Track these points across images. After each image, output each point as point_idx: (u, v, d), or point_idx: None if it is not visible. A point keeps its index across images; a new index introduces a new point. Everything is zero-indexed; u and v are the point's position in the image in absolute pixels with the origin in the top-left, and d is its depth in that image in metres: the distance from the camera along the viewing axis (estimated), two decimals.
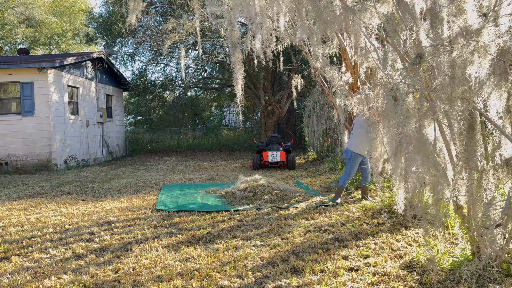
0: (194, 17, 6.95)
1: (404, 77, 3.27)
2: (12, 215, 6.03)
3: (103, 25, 18.16)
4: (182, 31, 11.24)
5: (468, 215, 3.42)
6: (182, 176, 10.10)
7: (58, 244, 4.50)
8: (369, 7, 3.68)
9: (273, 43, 7.00)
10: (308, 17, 4.58)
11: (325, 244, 4.23)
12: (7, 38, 22.60)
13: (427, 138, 3.15)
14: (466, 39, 2.80)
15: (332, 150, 12.12)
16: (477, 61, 2.81)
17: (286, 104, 17.06)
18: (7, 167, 11.80)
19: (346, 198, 6.60)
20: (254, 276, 3.43)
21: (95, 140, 14.95)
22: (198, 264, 3.76)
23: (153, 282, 3.36)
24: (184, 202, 6.62)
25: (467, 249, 3.61)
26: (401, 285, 3.18)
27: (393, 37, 3.47)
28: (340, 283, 3.22)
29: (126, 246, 4.35)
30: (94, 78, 15.14)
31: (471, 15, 2.90)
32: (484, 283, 3.11)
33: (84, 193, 7.83)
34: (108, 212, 6.04)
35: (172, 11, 14.29)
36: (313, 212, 5.69)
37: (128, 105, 25.03)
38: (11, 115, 12.01)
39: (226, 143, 19.99)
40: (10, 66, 11.87)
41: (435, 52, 3.01)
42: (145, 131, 22.62)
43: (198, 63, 17.48)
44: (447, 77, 2.96)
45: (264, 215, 5.62)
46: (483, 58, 2.80)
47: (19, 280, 3.47)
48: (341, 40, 6.35)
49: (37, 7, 21.23)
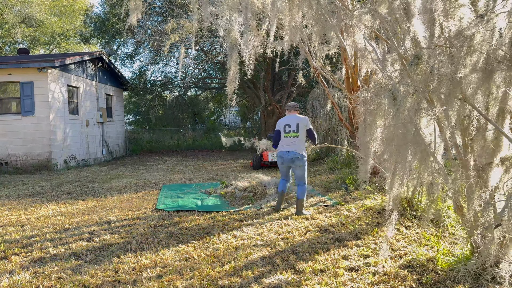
0: (194, 17, 6.94)
1: (402, 77, 3.27)
2: (12, 215, 6.04)
3: (100, 25, 18.15)
4: (182, 31, 11.24)
5: (468, 214, 3.42)
6: (182, 176, 10.11)
7: (58, 244, 4.51)
8: (369, 9, 3.68)
9: (273, 43, 7.00)
10: (308, 18, 4.59)
11: (325, 244, 4.23)
12: (6, 38, 22.60)
13: (425, 138, 3.15)
14: (460, 40, 2.81)
15: (332, 150, 12.13)
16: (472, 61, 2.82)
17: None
18: (7, 167, 11.80)
19: (346, 198, 6.60)
20: (254, 276, 3.44)
21: (95, 140, 14.95)
22: (198, 264, 3.77)
23: (153, 282, 3.37)
24: (184, 202, 6.62)
25: (466, 249, 3.62)
26: (401, 285, 3.19)
27: (392, 38, 3.48)
28: (340, 283, 3.23)
29: (126, 246, 4.35)
30: (94, 77, 15.14)
31: (467, 14, 2.90)
32: (484, 283, 3.12)
33: (84, 193, 7.83)
34: (108, 212, 6.05)
35: (171, 11, 14.29)
36: (313, 212, 5.69)
37: (128, 104, 25.04)
38: (11, 115, 12.01)
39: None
40: (10, 66, 11.87)
41: (433, 53, 3.02)
42: (145, 131, 22.63)
43: (197, 62, 17.49)
44: (445, 77, 2.96)
45: (264, 215, 5.62)
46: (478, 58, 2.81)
47: (19, 280, 3.48)
48: (341, 40, 6.35)
49: (36, 6, 21.22)
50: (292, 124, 5.67)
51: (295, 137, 5.61)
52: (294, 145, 5.60)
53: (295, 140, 5.61)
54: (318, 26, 4.34)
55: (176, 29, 11.70)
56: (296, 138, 5.61)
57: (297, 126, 5.63)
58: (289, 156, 5.61)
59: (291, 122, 5.69)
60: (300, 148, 5.59)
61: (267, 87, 17.30)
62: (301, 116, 5.73)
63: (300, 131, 5.62)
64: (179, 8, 13.56)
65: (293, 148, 5.59)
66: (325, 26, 4.16)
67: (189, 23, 10.91)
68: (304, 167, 5.63)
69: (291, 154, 5.59)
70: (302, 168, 5.63)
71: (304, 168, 5.64)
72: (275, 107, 16.96)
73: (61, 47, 24.94)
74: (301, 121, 5.67)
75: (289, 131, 5.67)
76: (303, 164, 5.62)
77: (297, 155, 5.57)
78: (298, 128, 5.62)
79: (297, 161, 5.59)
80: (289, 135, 5.66)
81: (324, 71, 7.17)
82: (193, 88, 21.95)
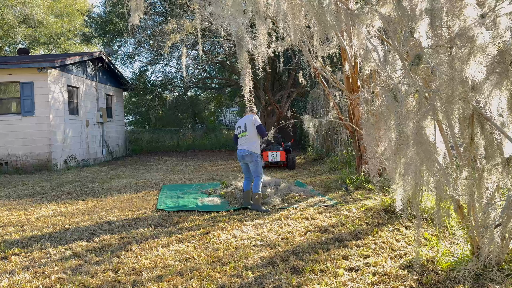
0: (195, 17, 6.94)
1: (404, 77, 3.27)
2: (12, 215, 6.03)
3: (101, 25, 18.16)
4: (183, 31, 11.24)
5: (468, 214, 3.42)
6: (182, 176, 10.10)
7: (58, 244, 4.50)
8: (371, 10, 3.68)
9: (274, 43, 7.00)
10: (309, 17, 4.59)
11: (325, 244, 4.23)
12: (6, 38, 22.60)
13: (427, 138, 3.15)
14: (463, 40, 2.80)
15: (332, 150, 12.13)
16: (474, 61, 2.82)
17: (286, 104, 17.08)
18: (7, 167, 11.80)
19: (346, 198, 6.60)
20: (254, 276, 3.43)
21: (95, 140, 14.95)
22: (198, 264, 3.76)
23: (153, 282, 3.36)
24: (184, 202, 6.62)
25: (466, 249, 3.62)
26: (401, 285, 3.18)
27: (393, 38, 3.47)
28: (340, 283, 3.23)
29: (126, 246, 4.35)
30: (94, 78, 15.14)
31: (471, 13, 2.90)
32: (484, 283, 3.11)
33: (84, 193, 7.83)
34: (108, 212, 6.04)
35: (171, 11, 14.29)
36: (313, 212, 5.69)
37: (128, 105, 25.04)
38: (11, 115, 12.01)
39: (226, 143, 19.99)
40: (10, 66, 11.87)
41: (434, 53, 3.02)
42: (145, 131, 22.63)
43: (197, 62, 17.49)
44: (446, 77, 2.96)
45: (264, 215, 5.62)
46: (481, 58, 2.81)
47: (19, 280, 3.47)
48: (341, 40, 6.35)
49: (36, 7, 21.22)
50: (241, 125, 6.18)
51: (244, 136, 6.08)
52: (245, 144, 6.05)
53: (245, 139, 6.07)
54: (319, 26, 4.34)
55: (177, 29, 11.70)
56: (245, 137, 6.07)
57: (245, 125, 6.10)
58: (240, 153, 6.08)
59: (241, 123, 6.20)
60: (250, 145, 5.99)
61: (267, 87, 17.30)
62: (250, 115, 6.16)
63: (249, 130, 6.05)
64: (179, 8, 13.56)
65: (244, 146, 6.05)
66: (326, 26, 4.16)
67: (189, 23, 10.92)
68: (255, 163, 6.00)
69: (242, 152, 6.05)
70: (254, 164, 6.01)
71: (255, 164, 6.01)
72: (275, 107, 16.96)
73: (60, 47, 24.94)
74: (249, 120, 6.10)
75: (240, 132, 6.18)
76: (254, 160, 6.00)
77: (246, 152, 6.00)
78: (246, 127, 6.08)
79: (246, 158, 6.03)
80: (241, 135, 6.15)
81: (324, 71, 7.17)
82: (193, 88, 21.96)
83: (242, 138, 6.13)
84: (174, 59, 18.17)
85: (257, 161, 6.02)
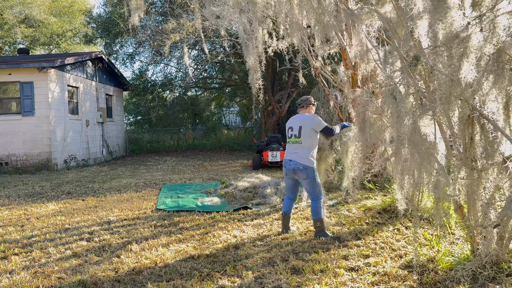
0: (195, 16, 6.94)
1: (402, 77, 3.27)
2: (12, 215, 6.04)
3: (102, 25, 18.17)
4: (183, 31, 11.24)
5: (468, 214, 3.42)
6: (182, 176, 10.10)
7: (58, 244, 4.50)
8: (370, 10, 3.68)
9: (274, 42, 7.00)
10: (309, 17, 4.59)
11: (325, 244, 4.23)
12: (6, 38, 22.61)
13: (423, 138, 3.15)
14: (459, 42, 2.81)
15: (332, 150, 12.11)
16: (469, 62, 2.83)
17: (286, 104, 17.07)
18: (7, 167, 11.80)
19: (346, 198, 6.59)
20: (254, 276, 3.43)
21: (95, 140, 14.95)
22: (198, 264, 3.77)
23: (153, 282, 3.37)
24: (184, 201, 6.62)
25: (466, 249, 3.62)
26: (401, 285, 3.18)
27: (393, 38, 3.48)
28: (340, 283, 3.23)
29: (126, 246, 4.35)
30: (94, 77, 15.14)
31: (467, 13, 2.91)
32: (484, 283, 3.11)
33: (84, 193, 7.83)
34: (108, 212, 6.04)
35: (171, 11, 14.29)
36: None
37: (128, 105, 25.05)
38: (11, 115, 12.02)
39: (226, 143, 19.99)
40: (10, 66, 11.87)
41: (432, 53, 3.02)
42: (145, 131, 22.63)
43: (198, 62, 17.50)
44: (445, 77, 2.96)
45: (264, 214, 5.62)
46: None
47: (19, 280, 3.48)
48: (341, 40, 6.35)
49: (36, 7, 21.23)
50: (294, 127, 4.54)
51: (297, 143, 4.47)
52: (296, 153, 4.46)
53: (297, 147, 4.47)
54: (319, 26, 4.34)
55: (177, 29, 11.70)
56: (298, 144, 4.46)
57: (300, 129, 4.47)
58: (290, 166, 4.48)
59: (294, 124, 4.56)
60: (303, 156, 4.40)
61: (267, 87, 17.30)
62: (307, 115, 4.57)
63: (304, 136, 4.44)
64: (179, 7, 13.56)
65: (294, 157, 4.45)
66: (326, 26, 4.16)
67: (189, 22, 10.92)
68: (311, 180, 4.43)
69: (292, 165, 4.45)
70: (309, 182, 4.44)
71: (311, 182, 4.44)
72: (275, 107, 16.96)
73: (60, 47, 24.95)
74: (305, 122, 4.48)
75: (291, 136, 4.56)
76: (309, 177, 4.41)
77: (299, 166, 4.39)
78: (301, 132, 4.45)
79: (299, 173, 4.43)
80: (291, 140, 4.55)
81: (324, 71, 7.17)
82: (194, 88, 21.96)
83: (292, 145, 4.52)
84: (174, 59, 18.19)
85: (314, 177, 4.43)
